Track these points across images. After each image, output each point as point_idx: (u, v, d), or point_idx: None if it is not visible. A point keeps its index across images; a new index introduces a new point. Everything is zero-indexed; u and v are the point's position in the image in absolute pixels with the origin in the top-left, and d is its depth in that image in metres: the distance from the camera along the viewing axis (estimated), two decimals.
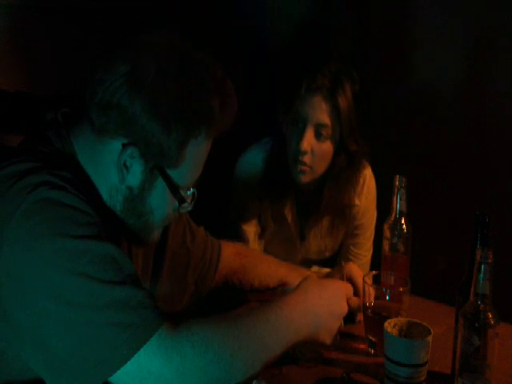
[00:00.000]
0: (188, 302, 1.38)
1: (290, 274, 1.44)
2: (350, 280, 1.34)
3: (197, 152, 1.04)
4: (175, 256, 1.34)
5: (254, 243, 1.84)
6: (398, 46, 2.45)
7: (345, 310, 1.16)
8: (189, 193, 1.08)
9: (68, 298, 0.85)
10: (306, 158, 1.63)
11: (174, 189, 1.03)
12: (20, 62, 2.15)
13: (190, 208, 1.10)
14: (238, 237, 1.82)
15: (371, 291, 1.26)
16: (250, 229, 1.83)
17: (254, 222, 1.83)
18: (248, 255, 1.50)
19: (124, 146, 0.98)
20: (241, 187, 1.81)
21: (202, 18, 2.57)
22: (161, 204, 1.05)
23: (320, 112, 1.61)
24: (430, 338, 1.09)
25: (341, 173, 1.70)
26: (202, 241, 1.42)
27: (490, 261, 0.99)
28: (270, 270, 1.46)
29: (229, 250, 1.47)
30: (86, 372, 0.85)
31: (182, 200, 1.06)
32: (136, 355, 0.85)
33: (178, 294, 1.36)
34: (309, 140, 1.61)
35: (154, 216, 1.06)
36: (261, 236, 1.86)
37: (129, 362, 0.85)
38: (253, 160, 1.79)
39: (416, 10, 2.40)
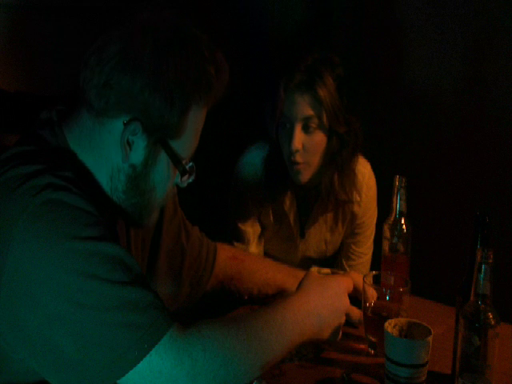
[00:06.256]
0: (183, 303, 1.37)
1: (288, 280, 1.42)
2: (356, 289, 1.31)
3: (196, 120, 1.04)
4: (170, 253, 1.33)
5: (254, 243, 1.84)
6: (399, 46, 2.45)
7: (347, 304, 1.18)
8: (188, 166, 1.08)
9: (79, 300, 0.85)
10: (299, 157, 1.64)
11: (177, 160, 1.04)
12: (20, 62, 2.15)
13: (190, 180, 1.10)
14: (238, 238, 1.82)
15: (374, 293, 1.25)
16: (250, 229, 1.82)
17: (254, 222, 1.83)
18: (244, 259, 1.48)
19: (126, 123, 0.98)
20: (241, 188, 1.81)
21: (201, 18, 2.57)
22: (163, 178, 1.05)
23: (302, 106, 1.61)
24: (430, 339, 1.09)
25: (335, 157, 1.69)
26: (197, 240, 1.41)
27: (490, 261, 0.99)
28: (267, 276, 1.44)
29: (224, 254, 1.46)
30: (97, 373, 0.85)
31: (184, 171, 1.06)
32: (148, 355, 0.85)
33: (173, 293, 1.35)
34: (299, 138, 1.62)
35: (157, 192, 1.06)
36: (261, 235, 1.86)
37: (140, 362, 0.85)
38: (252, 161, 1.79)
39: (416, 10, 2.40)
